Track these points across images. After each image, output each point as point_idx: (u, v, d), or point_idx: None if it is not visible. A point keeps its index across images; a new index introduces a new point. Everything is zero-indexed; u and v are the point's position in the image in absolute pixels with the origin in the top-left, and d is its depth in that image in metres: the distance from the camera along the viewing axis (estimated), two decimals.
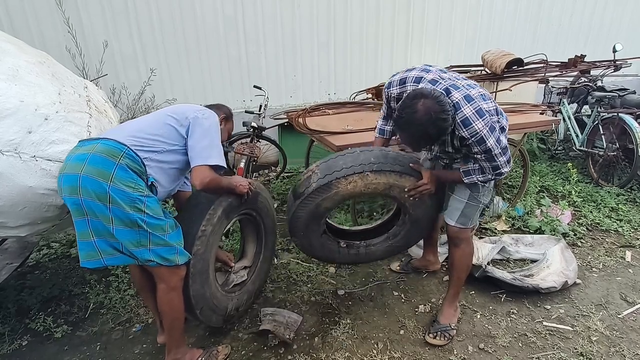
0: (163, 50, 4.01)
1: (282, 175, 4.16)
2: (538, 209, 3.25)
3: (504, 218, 3.16)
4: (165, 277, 1.65)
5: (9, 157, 1.56)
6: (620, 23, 5.97)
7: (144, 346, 2.06)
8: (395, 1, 4.79)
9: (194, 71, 4.20)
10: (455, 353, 1.96)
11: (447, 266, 2.32)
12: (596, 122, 3.88)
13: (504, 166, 1.75)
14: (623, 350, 1.95)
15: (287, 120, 3.36)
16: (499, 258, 2.69)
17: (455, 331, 2.06)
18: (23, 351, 2.05)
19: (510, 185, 3.85)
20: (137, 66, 3.94)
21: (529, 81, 3.70)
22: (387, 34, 4.90)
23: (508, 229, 3.08)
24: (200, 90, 4.26)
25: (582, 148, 4.00)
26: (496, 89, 3.62)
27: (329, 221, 2.29)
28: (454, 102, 1.64)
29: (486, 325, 2.14)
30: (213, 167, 1.68)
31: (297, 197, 1.97)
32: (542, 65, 3.81)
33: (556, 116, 4.06)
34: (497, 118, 1.74)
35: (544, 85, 4.38)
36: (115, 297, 2.39)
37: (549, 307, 2.26)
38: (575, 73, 4.14)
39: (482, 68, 3.81)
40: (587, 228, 3.12)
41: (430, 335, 2.03)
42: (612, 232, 3.06)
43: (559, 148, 4.44)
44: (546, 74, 3.81)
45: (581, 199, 3.49)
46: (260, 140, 3.36)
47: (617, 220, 3.21)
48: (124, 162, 1.52)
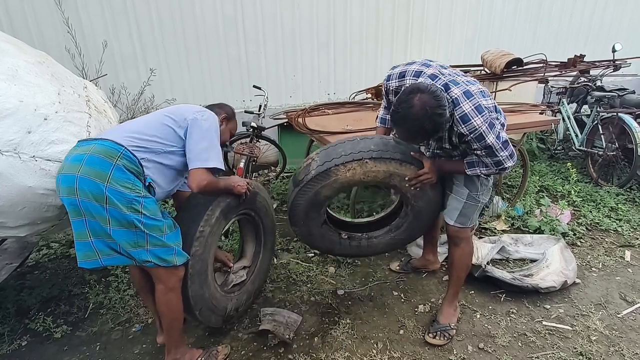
0: (163, 50, 4.01)
1: (282, 175, 4.16)
2: (537, 209, 3.25)
3: (504, 218, 3.16)
4: (163, 278, 1.64)
5: (9, 157, 1.56)
6: (620, 23, 5.97)
7: (144, 346, 2.06)
8: (395, 1, 4.79)
9: (194, 71, 4.20)
10: (454, 353, 1.96)
11: (447, 266, 2.32)
12: (595, 122, 3.88)
13: (507, 160, 1.71)
14: (622, 349, 1.95)
15: (287, 120, 3.37)
16: (499, 258, 2.69)
17: (454, 331, 2.06)
18: (23, 351, 2.05)
19: (509, 185, 3.86)
20: (137, 66, 3.94)
21: (529, 81, 3.71)
22: (387, 34, 4.91)
23: (507, 229, 3.08)
24: (200, 90, 4.26)
25: (582, 148, 4.01)
26: (496, 89, 3.62)
27: (331, 212, 2.26)
28: (453, 98, 1.63)
29: (486, 324, 2.14)
30: (210, 170, 1.67)
31: (297, 185, 1.95)
32: (542, 65, 3.82)
33: (555, 116, 4.07)
34: (496, 115, 1.73)
35: (544, 85, 4.38)
36: (114, 297, 2.39)
37: (549, 307, 2.26)
38: (574, 73, 4.15)
39: (482, 68, 3.81)
40: (587, 228, 3.12)
41: (429, 334, 2.03)
42: (612, 232, 3.07)
43: (559, 148, 4.45)
44: (546, 74, 3.81)
45: (580, 199, 3.50)
46: (259, 140, 3.36)
47: (617, 219, 3.21)
48: (121, 163, 1.52)
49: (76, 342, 2.10)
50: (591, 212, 3.30)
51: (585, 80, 4.12)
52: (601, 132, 3.80)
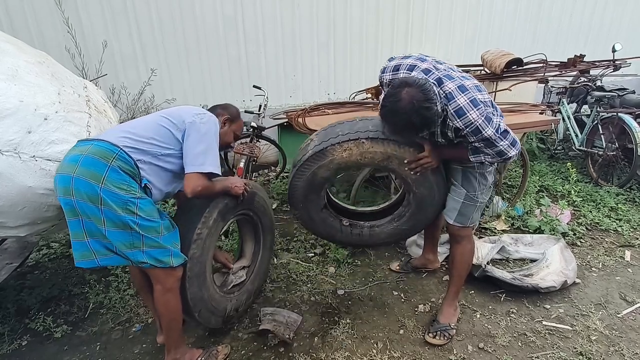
0: (163, 50, 4.01)
1: (282, 175, 4.16)
2: (537, 209, 3.25)
3: (504, 218, 3.16)
4: (160, 279, 1.64)
5: (9, 157, 1.56)
6: (620, 23, 5.98)
7: (144, 346, 2.06)
8: (395, 1, 4.80)
9: (194, 71, 4.20)
10: (454, 352, 1.96)
11: (447, 265, 2.32)
12: (595, 122, 3.88)
13: (509, 149, 1.67)
14: (622, 349, 1.95)
15: (287, 120, 3.36)
16: (499, 258, 2.69)
17: (454, 330, 2.06)
18: (23, 351, 2.05)
19: (509, 185, 3.86)
20: (137, 66, 3.95)
21: (529, 81, 3.70)
22: (387, 34, 4.91)
23: (507, 229, 3.08)
24: (200, 90, 4.27)
25: (582, 148, 4.01)
26: (496, 89, 3.62)
27: (333, 198, 2.23)
28: (447, 92, 1.61)
29: (486, 324, 2.14)
30: (206, 175, 1.65)
31: (294, 165, 1.93)
32: (542, 65, 3.81)
33: (555, 116, 4.07)
34: (492, 110, 1.69)
35: (544, 85, 4.39)
36: (115, 297, 2.39)
37: (549, 307, 2.26)
38: (574, 73, 4.14)
39: (482, 68, 3.81)
40: (587, 228, 3.12)
41: (430, 334, 2.03)
42: (612, 232, 3.06)
43: (559, 148, 4.45)
44: (545, 74, 3.81)
45: (580, 199, 3.50)
46: (259, 140, 3.36)
47: (617, 219, 3.21)
48: (116, 164, 1.51)
49: (76, 342, 2.10)
50: (591, 212, 3.30)
51: (585, 80, 4.12)
52: (601, 132, 3.80)
